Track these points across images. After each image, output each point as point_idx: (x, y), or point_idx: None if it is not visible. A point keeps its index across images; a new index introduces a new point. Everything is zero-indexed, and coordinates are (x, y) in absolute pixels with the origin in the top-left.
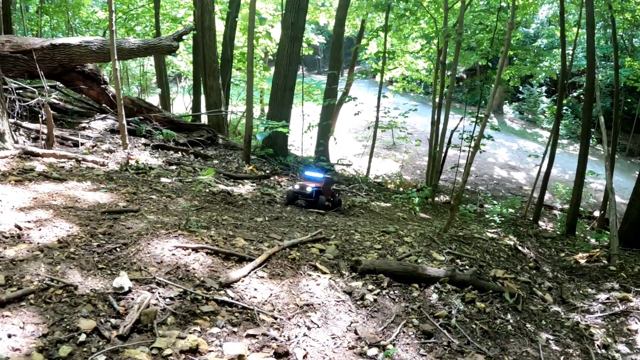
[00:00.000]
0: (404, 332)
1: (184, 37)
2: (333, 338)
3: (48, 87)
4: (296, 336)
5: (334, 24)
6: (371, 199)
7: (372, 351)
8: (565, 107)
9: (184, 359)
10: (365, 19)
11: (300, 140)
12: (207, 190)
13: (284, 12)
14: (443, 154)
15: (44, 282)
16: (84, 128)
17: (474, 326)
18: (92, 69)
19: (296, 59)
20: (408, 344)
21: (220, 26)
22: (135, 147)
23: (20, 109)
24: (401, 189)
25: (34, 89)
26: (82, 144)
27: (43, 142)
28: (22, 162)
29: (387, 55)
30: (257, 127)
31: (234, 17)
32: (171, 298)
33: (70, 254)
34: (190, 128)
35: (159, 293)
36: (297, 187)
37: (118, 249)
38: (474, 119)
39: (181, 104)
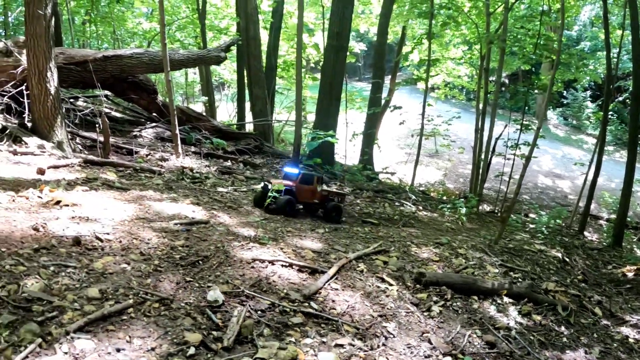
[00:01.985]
0: (469, 342)
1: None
2: (409, 347)
3: (101, 97)
4: (378, 346)
5: (377, 33)
6: (418, 209)
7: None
8: (610, 112)
9: None
10: (406, 25)
11: (344, 148)
12: None
13: (325, 20)
14: (488, 162)
15: (139, 295)
16: (135, 136)
17: (531, 337)
18: (142, 79)
19: (341, 68)
20: (474, 353)
21: (263, 35)
22: (187, 155)
23: (74, 118)
24: (444, 198)
25: (86, 98)
26: (136, 153)
27: (99, 150)
28: (83, 171)
29: (428, 62)
30: (305, 137)
31: (277, 27)
32: (262, 310)
33: (156, 266)
34: (238, 136)
35: (250, 306)
36: (262, 185)
37: (201, 262)
38: (519, 126)
39: (224, 112)
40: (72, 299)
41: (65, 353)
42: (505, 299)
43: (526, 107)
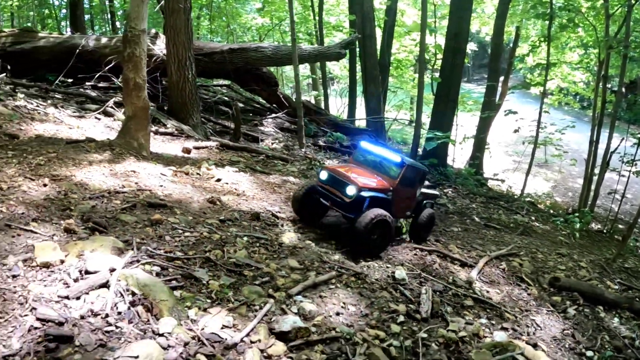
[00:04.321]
0: (601, 344)
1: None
2: (555, 340)
3: (218, 87)
4: (534, 332)
5: (492, 34)
6: (531, 219)
7: (589, 353)
8: None
9: (469, 340)
10: (520, 26)
11: (453, 151)
12: None
13: (436, 19)
14: (601, 178)
15: (335, 268)
16: (256, 125)
17: None
18: (265, 71)
19: (459, 70)
20: (610, 356)
21: (377, 33)
22: (307, 146)
23: (203, 105)
24: (551, 211)
25: (210, 87)
26: (261, 140)
27: (229, 136)
28: (221, 153)
29: (547, 66)
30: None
31: (391, 25)
32: (440, 292)
33: (335, 244)
34: (353, 131)
35: (428, 285)
36: (324, 176)
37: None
38: (636, 140)
39: (333, 106)
40: (276, 267)
41: (296, 313)
42: (627, 313)
43: None
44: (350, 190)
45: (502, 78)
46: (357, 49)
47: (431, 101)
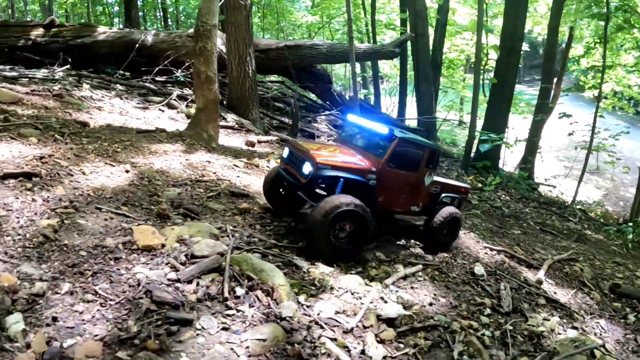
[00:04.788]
0: None
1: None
2: (618, 342)
3: (270, 83)
4: (600, 333)
5: (547, 34)
6: (583, 227)
7: None
8: None
9: (547, 334)
10: (574, 26)
11: (504, 154)
12: None
13: (488, 18)
14: None
15: (420, 262)
16: (309, 121)
17: None
18: (319, 69)
19: (514, 70)
20: None
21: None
22: None
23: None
24: (602, 220)
25: (265, 82)
26: (317, 137)
27: (286, 131)
28: (282, 148)
29: (603, 69)
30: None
31: (442, 24)
32: (516, 289)
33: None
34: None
35: (503, 282)
36: (285, 153)
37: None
38: None
39: (382, 105)
40: (364, 259)
41: (395, 302)
42: None
43: None
44: (306, 168)
45: (554, 80)
46: (409, 48)
47: (483, 102)
